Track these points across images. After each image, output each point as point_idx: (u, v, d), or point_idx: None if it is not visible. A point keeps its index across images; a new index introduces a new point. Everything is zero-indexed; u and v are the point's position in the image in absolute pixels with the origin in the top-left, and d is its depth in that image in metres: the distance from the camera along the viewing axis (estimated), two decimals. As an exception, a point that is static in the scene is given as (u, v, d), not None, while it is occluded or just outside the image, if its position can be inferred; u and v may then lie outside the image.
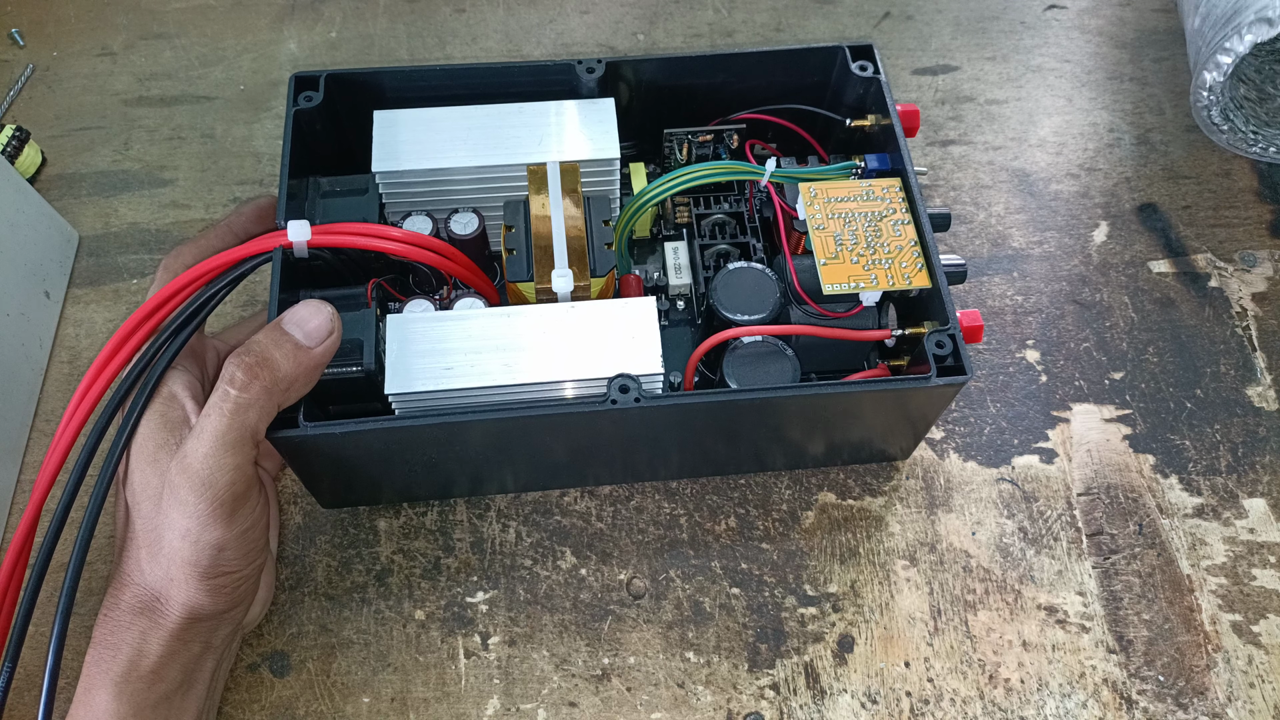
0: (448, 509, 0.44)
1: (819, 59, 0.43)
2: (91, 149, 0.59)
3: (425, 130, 0.41)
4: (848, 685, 0.39)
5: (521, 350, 0.36)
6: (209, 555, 0.33)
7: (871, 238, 0.39)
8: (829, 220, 0.39)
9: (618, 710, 0.39)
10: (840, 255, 0.38)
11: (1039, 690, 0.39)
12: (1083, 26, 0.61)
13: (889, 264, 0.38)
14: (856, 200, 0.40)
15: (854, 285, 0.38)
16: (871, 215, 0.39)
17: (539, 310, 0.37)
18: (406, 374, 0.35)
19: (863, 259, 0.38)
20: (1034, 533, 0.42)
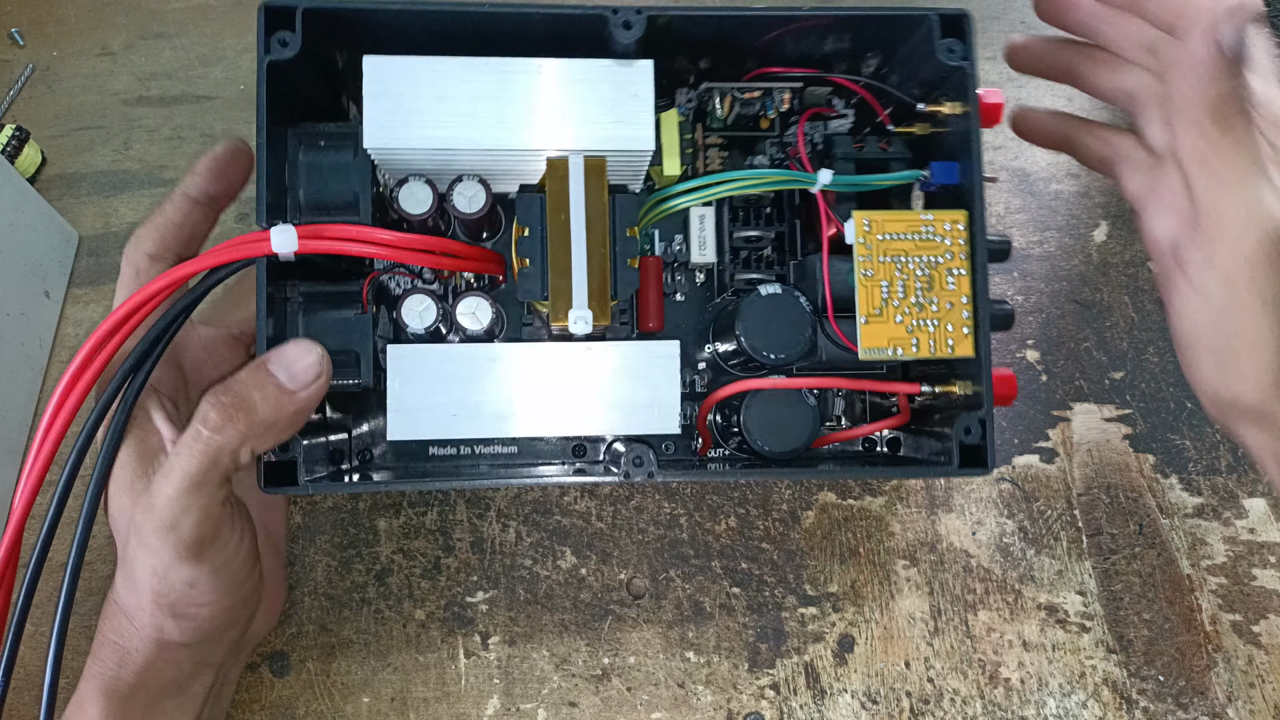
0: (448, 509, 0.44)
1: (899, 28, 0.36)
2: (91, 149, 0.59)
3: (425, 88, 0.34)
4: (848, 685, 0.39)
5: (533, 395, 0.33)
6: (177, 591, 0.32)
7: (923, 290, 0.34)
8: (879, 264, 0.34)
9: (618, 710, 0.39)
10: (885, 312, 0.34)
11: (1039, 690, 0.39)
12: (1083, 26, 0.61)
13: (935, 325, 0.34)
14: (914, 240, 0.34)
15: (893, 351, 0.34)
16: (928, 260, 0.34)
17: (552, 351, 0.34)
18: (412, 420, 0.33)
19: (908, 317, 0.34)
20: (1034, 532, 0.42)
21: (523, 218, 0.34)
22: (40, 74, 0.63)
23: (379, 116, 0.34)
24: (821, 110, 0.39)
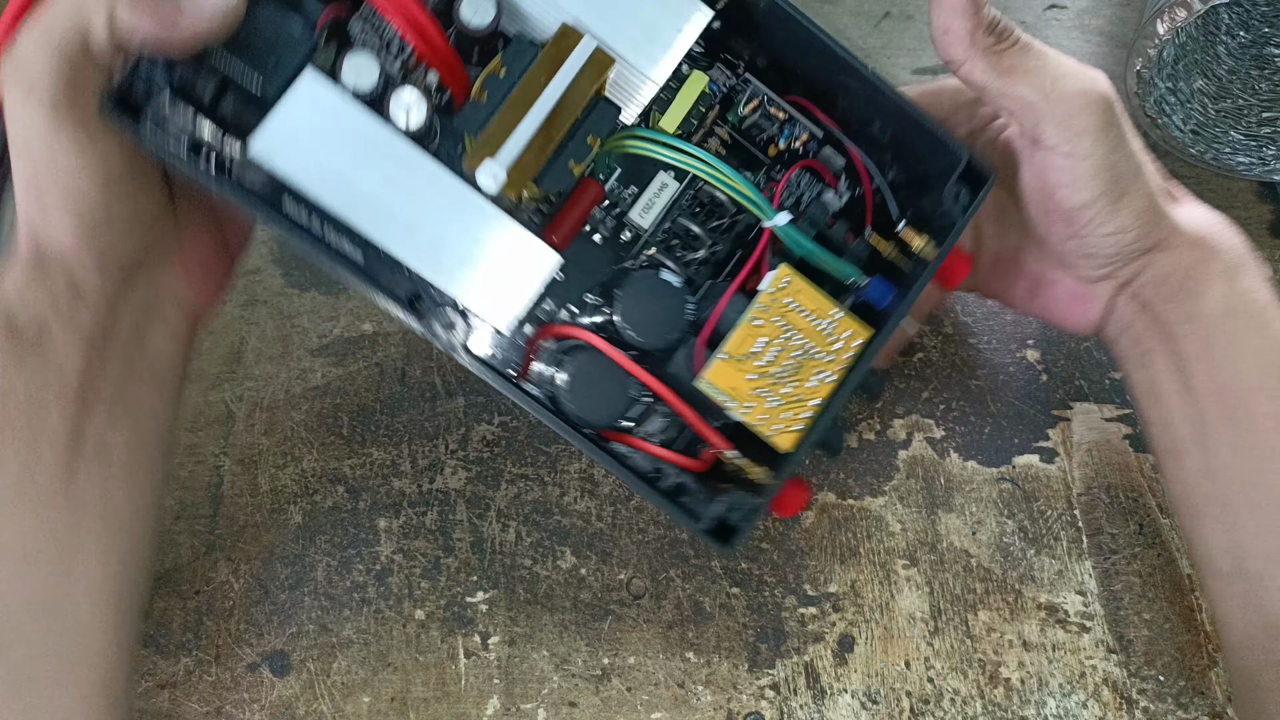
0: (448, 509, 0.44)
1: (933, 146, 0.35)
2: (91, 149, 0.59)
3: None
4: (848, 685, 0.39)
5: (405, 210, 0.31)
6: (37, 160, 0.29)
7: (789, 369, 0.33)
8: (770, 321, 0.33)
9: (618, 710, 0.39)
10: (744, 362, 0.33)
11: (1039, 690, 0.39)
12: (1083, 26, 0.61)
13: (776, 404, 0.33)
14: (813, 323, 0.33)
15: (725, 400, 0.32)
16: (811, 348, 0.33)
17: (455, 186, 0.31)
18: (282, 149, 0.30)
19: (760, 381, 0.33)
20: (1034, 532, 0.42)
21: (507, 58, 0.32)
22: (40, 74, 0.63)
23: None
24: (824, 173, 0.38)
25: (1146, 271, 0.35)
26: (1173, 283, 0.35)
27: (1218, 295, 0.34)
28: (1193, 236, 0.35)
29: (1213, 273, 0.35)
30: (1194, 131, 0.52)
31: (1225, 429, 0.35)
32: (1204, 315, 0.35)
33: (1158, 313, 0.35)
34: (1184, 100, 0.52)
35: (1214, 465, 0.35)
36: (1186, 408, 0.36)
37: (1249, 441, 0.34)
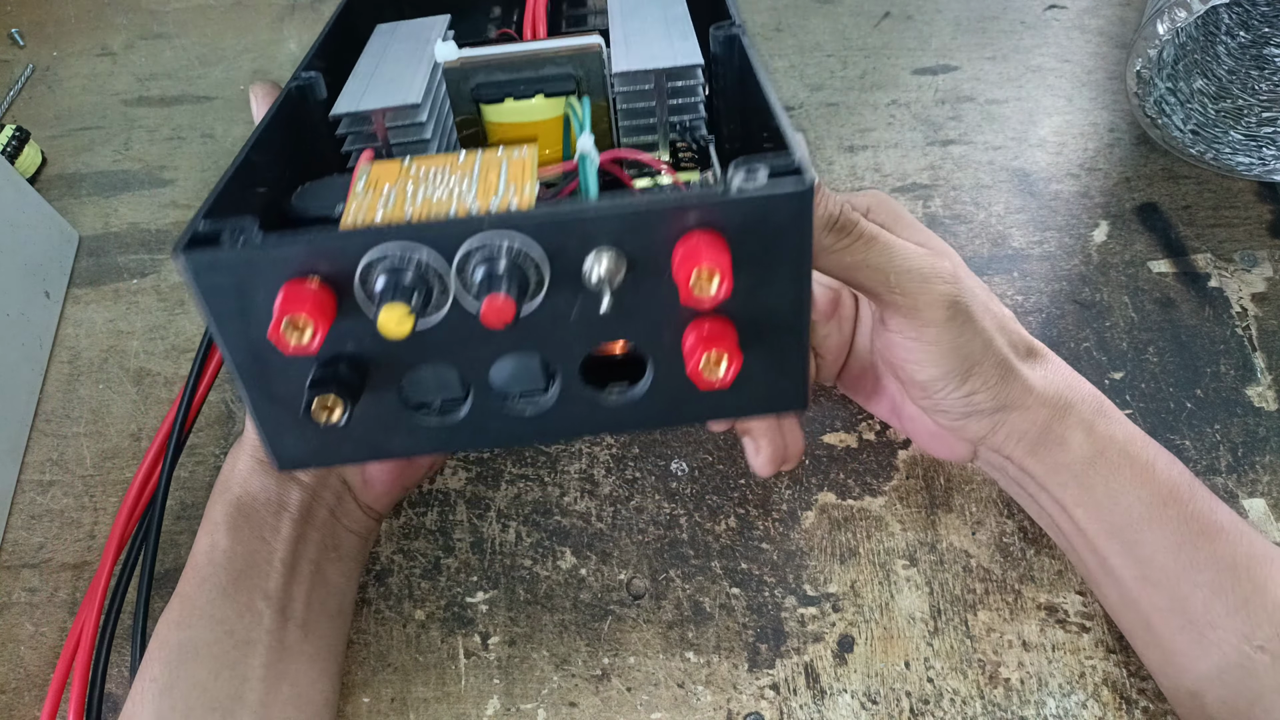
0: (448, 509, 0.44)
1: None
2: (91, 149, 0.59)
3: None
4: (848, 685, 0.39)
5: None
6: None
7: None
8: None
9: (618, 710, 0.39)
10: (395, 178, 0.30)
11: (1039, 690, 0.39)
12: (1083, 26, 0.62)
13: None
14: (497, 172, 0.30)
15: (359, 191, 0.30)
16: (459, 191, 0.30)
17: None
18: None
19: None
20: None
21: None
22: (40, 74, 0.63)
23: None
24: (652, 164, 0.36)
25: (1002, 429, 0.36)
26: (1031, 438, 0.36)
27: (1079, 444, 0.36)
28: (1045, 395, 0.36)
29: (1070, 425, 0.36)
30: (1194, 131, 0.52)
31: (1125, 563, 0.36)
32: (1071, 465, 0.36)
33: (1023, 465, 0.37)
34: (1184, 100, 0.52)
35: (1127, 596, 0.36)
36: (1085, 547, 0.37)
37: (1150, 571, 0.35)
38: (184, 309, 0.52)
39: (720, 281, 0.26)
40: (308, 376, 0.28)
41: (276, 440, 0.31)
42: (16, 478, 0.46)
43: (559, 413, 0.31)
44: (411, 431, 0.31)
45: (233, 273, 0.26)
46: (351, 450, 0.31)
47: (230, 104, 0.61)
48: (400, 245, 0.26)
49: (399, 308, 0.26)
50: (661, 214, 0.26)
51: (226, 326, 0.28)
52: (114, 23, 0.66)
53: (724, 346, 0.28)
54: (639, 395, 0.31)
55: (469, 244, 0.27)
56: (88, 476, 0.46)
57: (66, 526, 0.45)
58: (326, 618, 0.37)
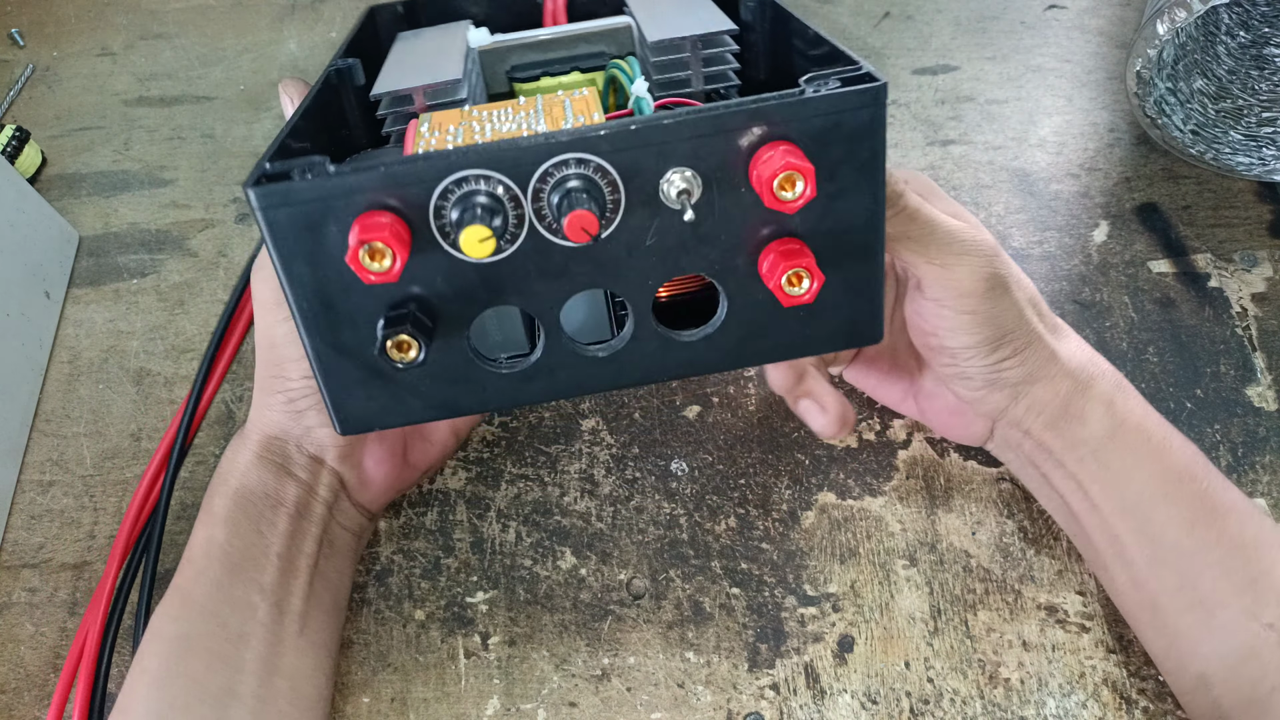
0: (448, 509, 0.44)
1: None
2: (91, 149, 0.59)
3: None
4: (848, 685, 0.39)
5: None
6: (264, 353, 0.35)
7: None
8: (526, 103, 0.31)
9: (618, 710, 0.39)
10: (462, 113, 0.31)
11: (1039, 690, 0.39)
12: (1083, 26, 0.61)
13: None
14: (565, 110, 0.30)
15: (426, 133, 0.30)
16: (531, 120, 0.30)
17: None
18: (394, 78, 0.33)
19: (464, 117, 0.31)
20: (1034, 532, 0.42)
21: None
22: (40, 74, 0.63)
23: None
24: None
25: (1024, 400, 0.37)
26: (1052, 410, 0.37)
27: (1099, 418, 0.36)
28: (1068, 368, 0.36)
29: (1091, 399, 0.36)
30: (1194, 131, 0.52)
31: (1138, 541, 0.36)
32: (1089, 439, 0.36)
33: (1041, 439, 0.37)
34: (1184, 100, 0.52)
35: (1137, 577, 0.36)
36: (1097, 527, 0.37)
37: (1162, 549, 0.35)
38: (184, 309, 0.52)
39: (805, 182, 0.26)
40: (377, 320, 0.28)
41: (340, 398, 0.30)
42: (16, 478, 0.46)
43: (632, 354, 0.30)
44: (481, 385, 0.30)
45: (304, 207, 0.26)
46: (420, 408, 0.31)
47: (230, 104, 0.61)
48: (476, 171, 0.26)
49: (480, 229, 0.25)
50: (739, 119, 0.26)
51: (294, 268, 0.27)
52: (114, 23, 0.66)
53: (804, 262, 0.28)
54: (714, 330, 0.30)
55: (545, 166, 0.26)
56: (88, 476, 0.46)
57: (66, 526, 0.45)
58: (322, 612, 0.37)
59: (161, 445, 0.41)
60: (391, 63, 0.37)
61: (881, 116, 0.27)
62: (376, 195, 0.26)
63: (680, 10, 0.38)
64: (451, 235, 0.27)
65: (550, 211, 0.27)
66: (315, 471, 0.37)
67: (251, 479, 0.36)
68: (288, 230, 0.26)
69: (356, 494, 0.38)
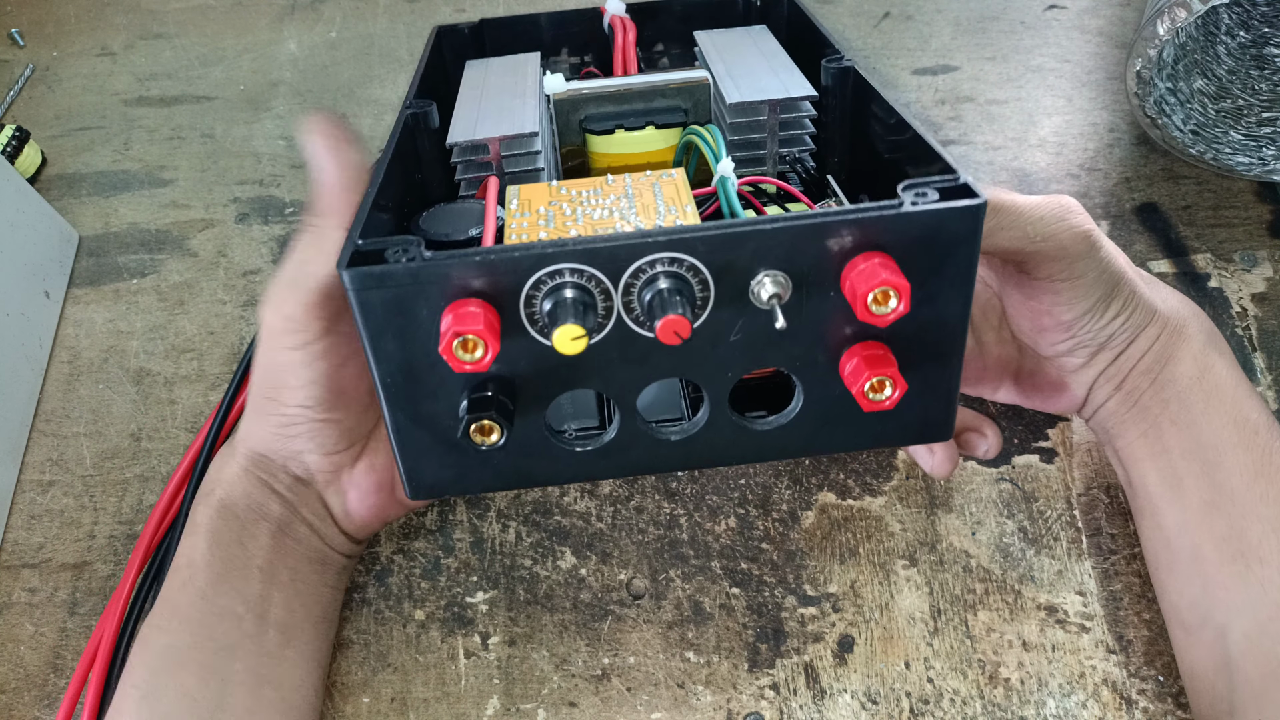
0: (448, 509, 0.44)
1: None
2: (91, 149, 0.59)
3: None
4: (848, 685, 0.39)
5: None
6: (262, 375, 0.35)
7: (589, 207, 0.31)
8: (614, 183, 0.32)
9: (618, 710, 0.39)
10: (554, 191, 0.32)
11: (1039, 690, 0.39)
12: (1083, 26, 0.61)
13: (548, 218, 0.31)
14: (655, 197, 0.31)
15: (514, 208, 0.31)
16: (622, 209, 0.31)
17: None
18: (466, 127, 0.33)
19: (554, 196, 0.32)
20: (1034, 533, 0.42)
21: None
22: (40, 74, 0.63)
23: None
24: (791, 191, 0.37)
25: (1125, 352, 0.38)
26: (1149, 357, 0.38)
27: (1187, 363, 0.37)
28: (1165, 315, 0.38)
29: (1183, 344, 0.38)
30: (1194, 131, 0.52)
31: (1198, 484, 0.36)
32: (1176, 381, 0.37)
33: (1132, 387, 0.38)
34: (1184, 100, 0.52)
35: (1188, 521, 0.37)
36: (1162, 468, 0.38)
37: (1222, 496, 0.36)
38: (184, 309, 0.52)
39: (900, 299, 0.26)
40: (458, 399, 0.28)
41: (414, 466, 0.30)
42: (16, 478, 0.46)
43: (705, 438, 0.31)
44: (554, 459, 0.31)
45: (396, 289, 0.26)
46: (492, 477, 0.31)
47: (230, 104, 0.61)
48: (570, 264, 0.26)
49: (575, 328, 0.26)
50: (836, 229, 0.26)
51: (380, 345, 0.27)
52: (114, 23, 0.66)
53: (888, 370, 0.28)
54: (788, 420, 0.31)
55: (639, 263, 0.26)
56: (88, 476, 0.46)
57: (66, 526, 0.45)
58: (310, 624, 0.37)
59: (183, 463, 0.41)
60: (464, 105, 0.37)
61: (979, 231, 0.27)
62: (469, 281, 0.26)
63: (760, 67, 0.38)
64: (540, 324, 0.27)
65: (639, 306, 0.27)
66: (300, 493, 0.37)
67: (236, 491, 0.36)
68: (378, 310, 0.27)
69: (342, 521, 0.38)
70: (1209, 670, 0.35)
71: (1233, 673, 0.34)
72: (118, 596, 0.39)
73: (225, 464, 0.37)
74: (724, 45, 0.41)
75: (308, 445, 0.36)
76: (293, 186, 0.57)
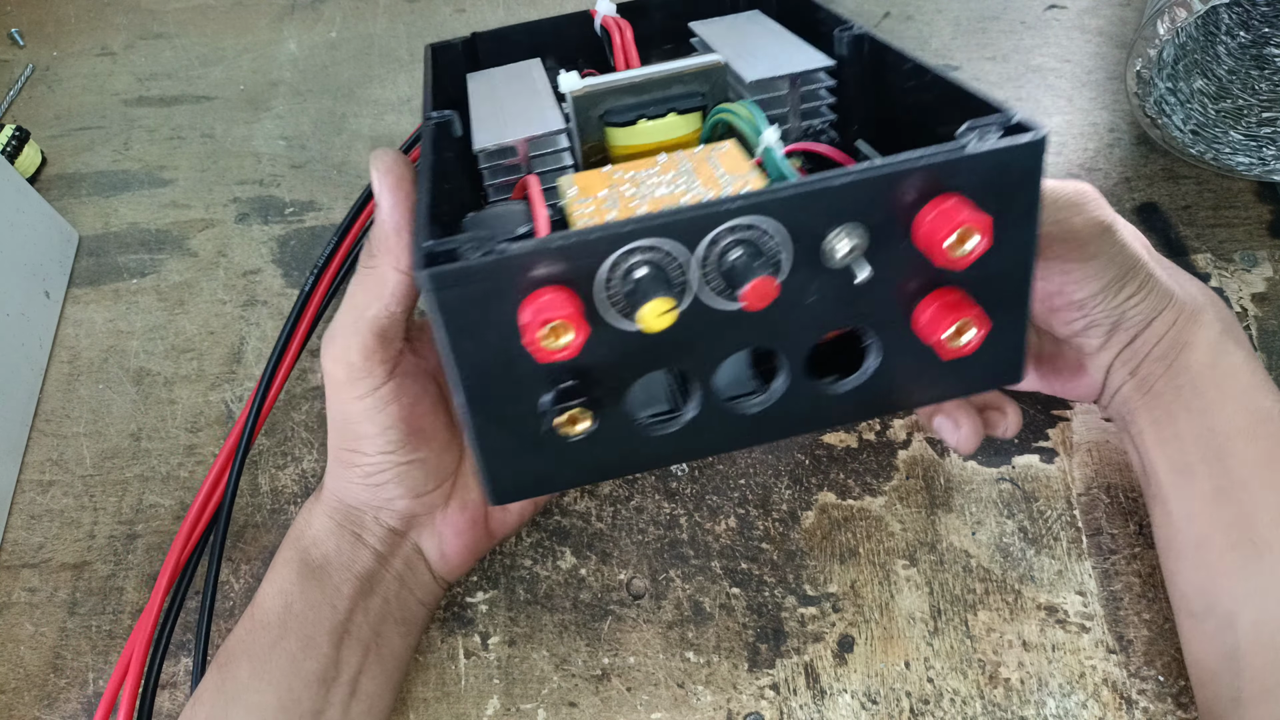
0: (448, 509, 0.44)
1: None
2: (91, 149, 0.59)
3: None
4: (848, 685, 0.39)
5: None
6: (338, 429, 0.35)
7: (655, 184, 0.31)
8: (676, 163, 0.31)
9: (618, 710, 0.39)
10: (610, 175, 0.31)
11: (1039, 690, 0.39)
12: (1083, 26, 0.61)
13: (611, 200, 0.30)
14: (717, 173, 0.30)
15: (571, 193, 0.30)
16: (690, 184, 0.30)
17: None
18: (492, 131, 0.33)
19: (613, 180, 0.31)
20: (1034, 533, 0.42)
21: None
22: (40, 74, 0.63)
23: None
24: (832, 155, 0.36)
25: (1141, 336, 0.38)
26: (1165, 342, 0.38)
27: (1202, 349, 0.37)
28: (1181, 299, 0.38)
29: (1199, 330, 0.37)
30: (1194, 131, 0.52)
31: (1208, 471, 0.36)
32: (1190, 368, 0.37)
33: (1147, 372, 0.38)
34: (1184, 100, 0.52)
35: (1195, 509, 0.37)
36: (1172, 454, 0.38)
37: (1230, 483, 0.36)
38: (184, 309, 0.52)
39: (982, 236, 0.26)
40: (538, 396, 0.28)
41: (496, 470, 0.30)
42: (16, 478, 0.46)
43: (784, 408, 0.31)
44: (634, 447, 0.30)
45: (476, 285, 0.26)
46: (574, 472, 0.31)
47: (230, 104, 0.61)
48: (647, 241, 0.26)
49: (664, 302, 0.25)
50: (908, 177, 0.26)
51: (461, 345, 0.27)
52: (114, 23, 0.66)
53: (971, 312, 0.28)
54: (865, 379, 0.30)
55: (716, 231, 0.26)
56: (88, 476, 0.46)
57: (66, 526, 0.45)
58: (376, 679, 0.37)
59: (214, 466, 0.41)
60: (481, 113, 0.37)
61: (1041, 165, 0.27)
62: (547, 270, 0.26)
63: (769, 45, 0.38)
64: (621, 306, 0.27)
65: (718, 276, 0.27)
66: (392, 544, 0.37)
67: (325, 545, 0.36)
68: (457, 309, 0.26)
69: (436, 566, 0.38)
70: (1215, 659, 0.35)
71: (1239, 662, 0.34)
72: (148, 614, 0.38)
73: (312, 516, 0.37)
74: (724, 31, 0.41)
75: (397, 491, 0.36)
76: (293, 186, 0.56)
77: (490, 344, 0.27)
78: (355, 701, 0.35)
